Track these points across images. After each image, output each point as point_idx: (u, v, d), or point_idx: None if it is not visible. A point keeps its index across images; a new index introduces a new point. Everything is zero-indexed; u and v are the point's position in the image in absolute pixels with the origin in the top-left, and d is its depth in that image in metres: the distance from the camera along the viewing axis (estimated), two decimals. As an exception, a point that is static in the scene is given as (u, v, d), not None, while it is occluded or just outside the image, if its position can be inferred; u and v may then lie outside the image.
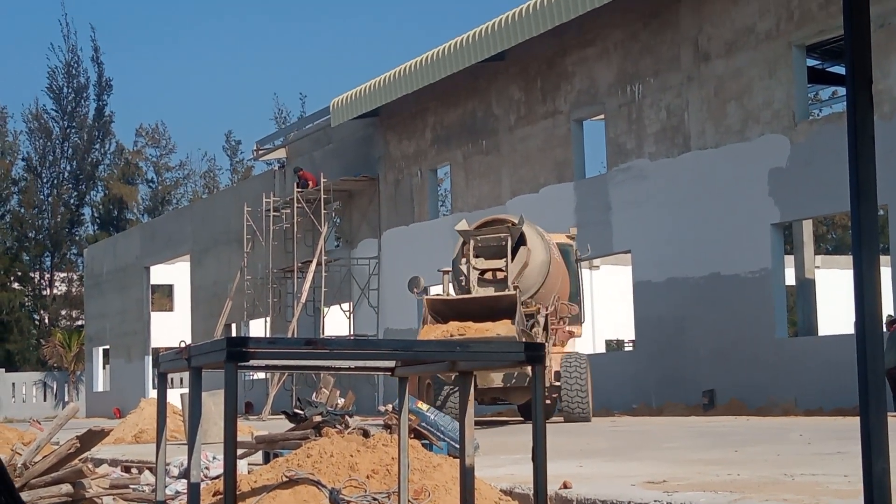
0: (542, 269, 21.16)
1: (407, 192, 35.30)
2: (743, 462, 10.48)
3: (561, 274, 22.13)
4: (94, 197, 72.89)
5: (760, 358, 23.56)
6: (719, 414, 22.80)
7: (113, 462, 14.57)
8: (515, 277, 20.47)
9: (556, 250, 22.09)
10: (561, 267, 22.15)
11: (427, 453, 8.82)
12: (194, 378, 5.96)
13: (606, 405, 25.76)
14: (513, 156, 31.13)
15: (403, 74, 32.87)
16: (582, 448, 13.76)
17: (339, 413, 13.02)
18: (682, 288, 25.64)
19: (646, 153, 26.88)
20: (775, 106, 23.81)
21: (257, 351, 5.22)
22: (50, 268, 71.09)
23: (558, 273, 21.90)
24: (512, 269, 20.52)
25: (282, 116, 74.21)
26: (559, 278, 21.97)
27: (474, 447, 6.63)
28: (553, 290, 21.63)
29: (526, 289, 20.70)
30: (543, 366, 5.80)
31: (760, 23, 24.21)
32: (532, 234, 21.37)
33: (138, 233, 55.32)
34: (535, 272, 20.98)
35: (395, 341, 6.38)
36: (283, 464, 8.39)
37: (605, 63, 28.17)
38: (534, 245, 21.17)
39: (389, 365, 6.57)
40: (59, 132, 71.70)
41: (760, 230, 23.90)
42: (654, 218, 26.36)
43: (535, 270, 21.02)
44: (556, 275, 21.74)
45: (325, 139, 39.70)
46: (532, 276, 20.93)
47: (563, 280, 22.47)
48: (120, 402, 47.84)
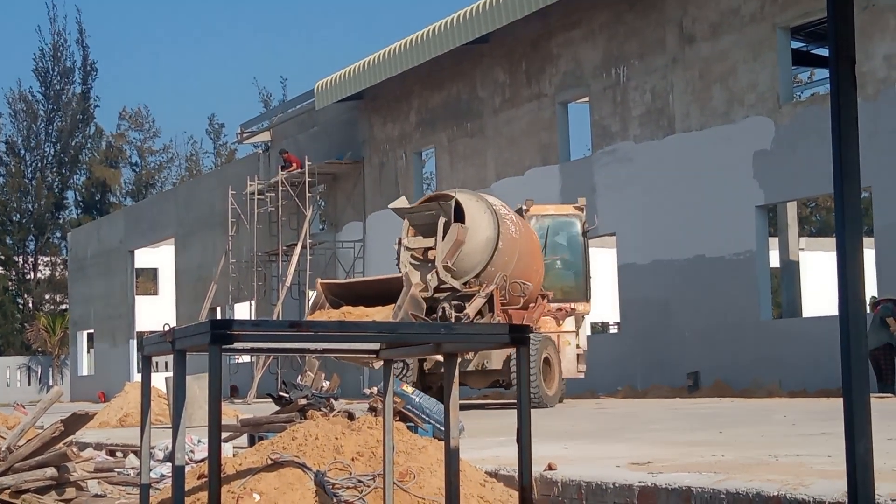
0: (487, 246, 19.88)
1: (392, 175, 35.27)
2: (727, 443, 10.50)
3: (520, 250, 20.51)
4: (78, 181, 72.68)
5: (745, 340, 23.64)
6: (704, 395, 22.88)
7: (98, 446, 14.54)
8: (446, 257, 19.40)
9: (516, 225, 20.61)
10: (519, 243, 20.50)
11: (412, 436, 8.82)
12: (178, 361, 5.95)
13: (591, 387, 25.80)
14: (498, 139, 31.11)
15: (388, 57, 32.81)
16: (567, 430, 13.78)
17: (325, 396, 13.03)
18: (666, 270, 25.69)
19: (631, 136, 26.90)
20: (760, 88, 23.84)
21: (242, 333, 5.22)
22: (34, 251, 70.90)
23: (512, 249, 20.28)
24: (441, 247, 19.43)
25: (268, 100, 73.98)
26: (514, 255, 20.32)
27: (459, 429, 6.64)
28: (506, 268, 20.11)
29: (467, 268, 19.65)
30: (528, 347, 5.80)
31: (745, 5, 24.21)
32: (475, 209, 20.10)
33: (122, 216, 55.17)
34: (477, 250, 19.79)
35: (379, 323, 6.39)
36: (268, 447, 8.38)
37: (590, 45, 28.15)
38: (475, 221, 19.88)
39: (374, 347, 6.58)
40: (43, 115, 71.43)
41: (745, 212, 23.95)
42: (639, 200, 26.39)
43: (478, 248, 19.82)
44: (509, 251, 20.21)
45: (309, 122, 39.63)
46: (474, 254, 19.77)
47: (527, 256, 20.80)
48: (105, 386, 47.78)
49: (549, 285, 22.07)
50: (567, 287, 22.68)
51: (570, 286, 22.78)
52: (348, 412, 11.33)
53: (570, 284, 22.81)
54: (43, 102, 71.47)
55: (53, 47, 70.89)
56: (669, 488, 7.50)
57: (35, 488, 9.29)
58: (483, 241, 19.89)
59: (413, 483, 7.79)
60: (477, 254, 19.82)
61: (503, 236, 20.03)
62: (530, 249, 21.06)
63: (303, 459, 7.94)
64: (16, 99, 71.52)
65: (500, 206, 20.55)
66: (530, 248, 21.08)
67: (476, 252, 19.81)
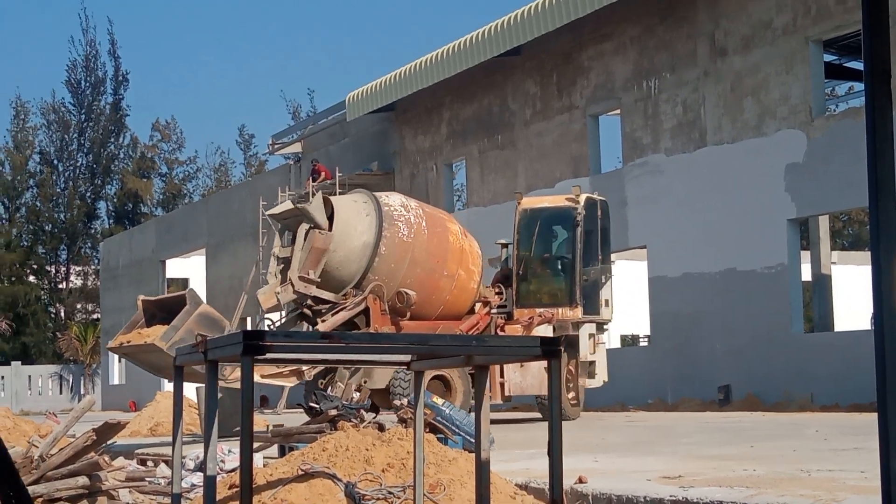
0: (365, 252, 18.21)
1: (422, 187, 35.31)
2: (759, 458, 10.46)
3: (413, 255, 18.62)
4: (110, 190, 73.08)
5: (776, 353, 23.52)
6: (735, 409, 22.77)
7: (129, 455, 14.60)
8: (306, 266, 17.81)
9: (414, 227, 18.72)
10: (413, 246, 18.63)
11: (442, 447, 8.82)
12: (210, 371, 5.98)
13: (621, 400, 25.75)
14: (528, 151, 31.11)
15: (419, 69, 32.88)
16: (597, 443, 13.76)
17: (355, 407, 13.03)
18: (697, 283, 25.60)
19: (662, 148, 26.84)
20: (792, 101, 23.75)
21: (274, 345, 5.24)
22: (66, 261, 71.27)
23: (401, 255, 18.47)
24: (297, 256, 17.86)
25: (298, 111, 74.21)
26: (403, 261, 18.51)
27: (490, 442, 6.64)
28: (393, 275, 18.34)
29: (345, 277, 18.14)
30: (559, 360, 5.79)
31: (777, 18, 24.14)
32: (350, 212, 18.46)
33: (154, 226, 55.44)
34: (352, 258, 18.21)
35: (411, 335, 6.39)
36: (298, 457, 8.40)
37: (621, 58, 28.13)
38: (348, 226, 18.26)
39: (405, 359, 6.58)
40: (76, 125, 71.85)
41: (777, 226, 23.85)
42: (670, 213, 26.32)
43: (354, 255, 18.22)
44: (397, 257, 18.45)
45: (340, 133, 39.73)
46: (349, 262, 18.21)
47: (429, 261, 18.84)
48: (135, 395, 47.95)
49: (535, 288, 20.71)
50: (553, 290, 20.84)
51: (557, 289, 20.81)
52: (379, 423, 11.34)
53: (556, 287, 20.87)
54: (75, 113, 71.93)
55: (86, 58, 71.35)
56: (700, 503, 7.47)
57: (67, 497, 9.34)
58: (359, 248, 18.30)
59: (443, 495, 7.79)
60: (353, 262, 18.28)
61: (387, 241, 18.35)
62: (438, 252, 19.02)
63: (333, 470, 7.96)
64: (48, 110, 72.02)
65: (396, 207, 18.84)
66: (438, 251, 19.04)
67: (352, 260, 18.28)
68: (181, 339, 16.16)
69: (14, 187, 70.20)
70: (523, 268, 20.84)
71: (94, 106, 71.74)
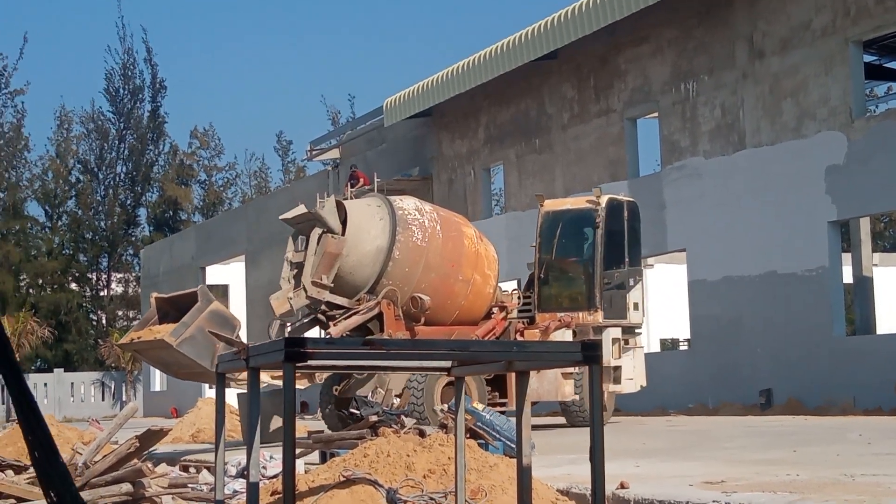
0: (378, 257, 17.94)
1: (460, 192, 35.32)
2: (802, 462, 10.39)
3: (427, 259, 18.31)
4: (150, 198, 73.52)
5: (818, 357, 23.36)
6: (776, 413, 22.64)
7: (171, 461, 14.68)
8: (319, 271, 17.58)
9: (428, 231, 18.44)
10: (427, 251, 18.33)
11: (483, 453, 8.83)
12: (252, 378, 6.01)
13: (661, 404, 25.65)
14: (566, 154, 31.07)
15: (456, 74, 32.90)
16: (638, 448, 13.71)
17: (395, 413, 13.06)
18: (737, 286, 25.47)
19: (700, 151, 26.74)
20: (832, 103, 23.60)
21: (315, 351, 5.25)
22: (107, 268, 71.74)
23: (415, 259, 18.17)
24: (310, 261, 17.61)
25: (337, 117, 74.39)
26: (418, 265, 18.19)
27: (531, 447, 6.63)
28: (408, 280, 18.04)
29: (358, 282, 17.88)
30: (600, 365, 5.78)
31: (816, 19, 24.00)
32: (364, 216, 18.22)
33: (193, 233, 55.71)
34: (366, 262, 17.94)
35: (451, 341, 6.39)
36: (339, 463, 8.43)
37: (658, 61, 28.04)
38: (361, 230, 18.02)
39: (446, 365, 6.59)
40: (115, 134, 72.34)
41: (817, 228, 23.70)
42: (710, 216, 26.21)
43: (367, 260, 17.94)
44: (411, 261, 18.13)
45: (378, 139, 39.80)
46: (363, 267, 17.93)
47: (443, 265, 18.52)
48: (177, 402, 48.21)
49: (556, 292, 20.51)
50: (574, 294, 20.53)
51: (577, 293, 20.47)
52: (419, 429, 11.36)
53: (577, 291, 20.53)
54: (114, 121, 72.42)
55: (123, 67, 71.80)
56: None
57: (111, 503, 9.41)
58: (373, 252, 18.00)
59: (485, 501, 7.79)
60: (367, 266, 17.98)
61: (401, 245, 18.04)
62: (452, 257, 18.71)
63: (375, 476, 7.98)
64: (87, 119, 72.54)
65: (410, 211, 18.53)
66: (453, 256, 18.72)
67: (366, 264, 17.98)
68: (191, 335, 16.10)
69: (56, 196, 70.76)
70: (545, 271, 20.64)
71: (133, 114, 72.20)
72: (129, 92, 71.99)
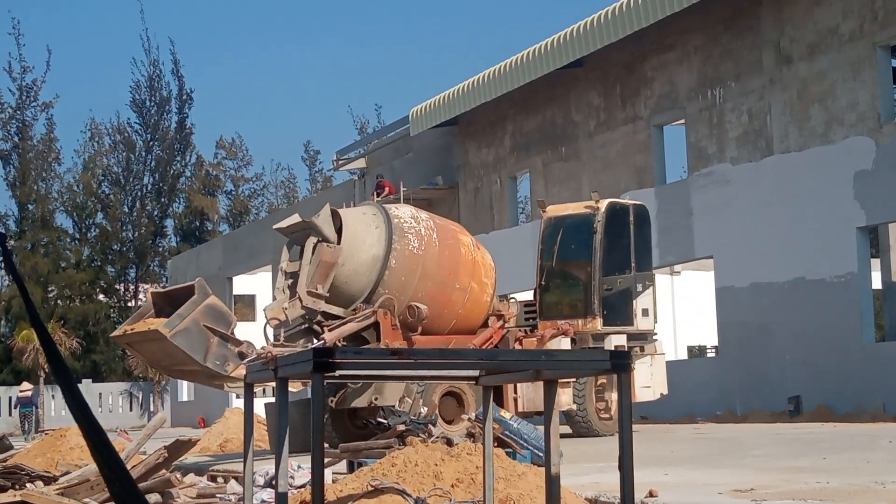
0: (374, 265, 17.67)
1: (487, 200, 35.32)
2: (832, 470, 10.33)
3: (424, 268, 18.04)
4: (176, 209, 73.79)
5: (847, 363, 23.23)
6: (806, 420, 22.51)
7: (199, 471, 14.72)
8: (315, 281, 17.29)
9: (425, 239, 18.14)
10: (423, 259, 18.06)
11: (511, 462, 8.81)
12: (281, 389, 6.01)
13: (689, 412, 25.56)
14: (593, 162, 31.02)
15: (482, 82, 32.90)
16: (666, 455, 13.65)
17: (423, 422, 13.04)
18: (766, 293, 25.36)
19: (727, 157, 26.65)
20: (860, 108, 23.49)
21: (344, 361, 5.25)
22: (135, 279, 72.03)
23: (411, 268, 17.91)
24: (305, 271, 17.34)
25: (364, 127, 74.51)
26: (414, 274, 17.93)
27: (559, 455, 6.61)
28: (404, 289, 17.77)
29: (354, 292, 17.62)
30: (629, 374, 5.76)
31: (844, 24, 23.90)
32: (359, 225, 17.97)
33: (220, 244, 55.88)
34: (362, 271, 17.67)
35: (479, 350, 6.39)
36: (367, 473, 8.43)
37: (685, 67, 27.97)
38: (356, 239, 17.76)
39: (474, 374, 6.58)
40: (142, 145, 72.68)
41: (846, 234, 23.57)
42: (737, 223, 26.11)
43: (363, 269, 17.67)
44: (407, 270, 17.88)
45: (404, 148, 39.83)
46: (359, 276, 17.66)
47: (439, 274, 18.22)
48: (204, 412, 48.35)
49: (556, 300, 20.27)
50: (574, 301, 20.23)
51: (577, 300, 20.18)
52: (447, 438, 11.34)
53: (576, 298, 20.22)
54: (140, 133, 72.75)
55: (149, 79, 72.12)
56: (774, 516, 7.39)
57: (140, 514, 9.43)
58: (368, 261, 17.74)
59: (513, 510, 7.77)
60: (362, 275, 17.71)
61: (397, 253, 17.79)
62: (449, 265, 18.39)
63: (403, 486, 7.97)
64: (114, 130, 72.90)
65: (406, 219, 18.32)
66: (450, 264, 18.40)
67: (362, 273, 17.71)
68: (186, 327, 15.87)
69: (84, 208, 71.14)
70: (546, 279, 20.46)
71: (160, 125, 72.52)
72: (155, 104, 72.33)
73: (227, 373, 16.27)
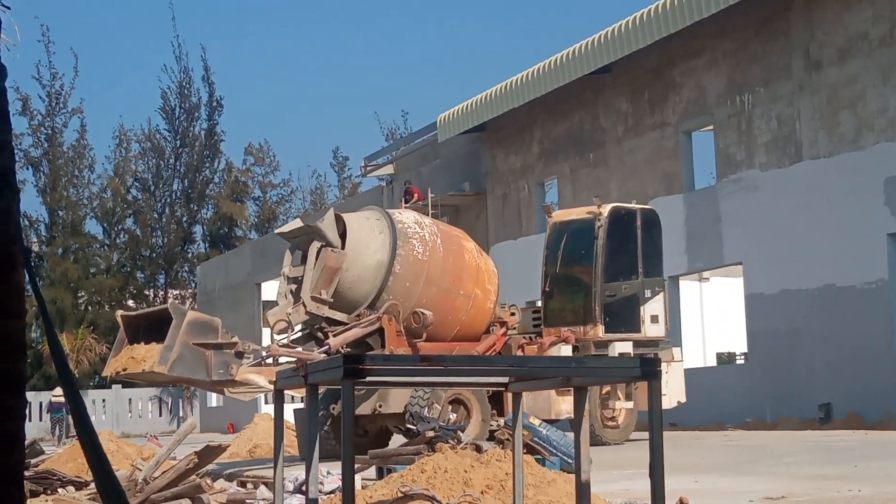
0: (378, 271, 17.46)
1: (514, 207, 35.31)
2: (864, 477, 10.27)
3: (428, 273, 17.84)
4: (205, 215, 74.05)
5: (878, 370, 23.10)
6: (836, 428, 22.39)
7: (229, 477, 14.76)
8: (319, 286, 17.07)
9: (429, 244, 17.96)
10: (427, 265, 17.84)
11: (540, 469, 8.81)
12: (311, 395, 6.03)
13: (718, 419, 25.47)
14: (621, 168, 30.97)
15: (510, 89, 32.91)
16: (696, 463, 13.61)
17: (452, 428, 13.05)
18: (795, 300, 25.25)
19: (756, 164, 26.56)
20: (890, 113, 23.37)
21: (373, 368, 5.27)
22: (164, 285, 72.34)
23: (416, 274, 17.70)
24: (310, 276, 17.10)
25: (394, 133, 74.60)
26: (419, 280, 17.73)
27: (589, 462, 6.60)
28: (408, 295, 17.56)
29: (358, 297, 17.40)
30: (658, 381, 5.75)
31: (874, 29, 23.79)
32: (363, 229, 17.77)
33: (249, 250, 56.05)
34: (366, 277, 17.49)
35: (509, 357, 6.39)
36: (397, 479, 8.44)
37: (713, 73, 27.91)
38: (360, 244, 17.57)
39: (503, 381, 6.58)
40: (171, 152, 72.99)
41: (876, 240, 23.46)
42: (766, 229, 26.02)
43: (367, 274, 17.49)
44: (412, 276, 17.68)
45: (432, 154, 39.88)
46: (363, 281, 17.47)
47: (444, 280, 18.06)
48: (233, 418, 48.49)
49: (559, 306, 20.07)
50: (576, 307, 20.03)
51: (579, 307, 19.98)
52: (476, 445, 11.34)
53: (578, 304, 20.03)
54: (170, 139, 73.08)
55: (179, 85, 72.40)
56: (805, 524, 7.36)
57: (170, 519, 9.48)
58: (373, 266, 17.50)
59: (543, 517, 7.76)
60: (367, 281, 17.49)
61: (402, 259, 17.58)
62: (454, 271, 18.23)
63: (432, 492, 7.97)
64: (144, 137, 73.25)
65: (410, 224, 18.14)
66: (454, 270, 18.24)
67: (366, 279, 17.50)
68: (179, 354, 15.65)
69: (114, 214, 71.50)
70: (550, 285, 20.29)
71: (189, 132, 72.82)
72: (185, 111, 72.63)
73: (233, 376, 16.22)
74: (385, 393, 16.88)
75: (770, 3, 25.93)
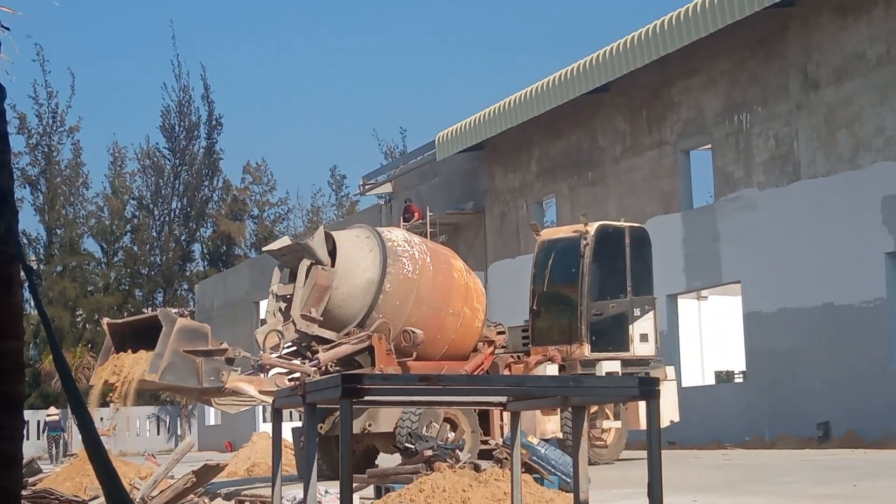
0: (369, 289, 17.37)
1: (513, 225, 35.33)
2: (863, 497, 10.26)
3: (418, 292, 17.77)
4: (204, 233, 74.10)
5: (876, 389, 23.09)
6: (835, 447, 22.38)
7: (227, 496, 14.73)
8: (308, 304, 16.97)
9: (419, 263, 17.90)
10: (418, 283, 17.79)
11: (539, 488, 8.80)
12: (309, 414, 6.02)
13: (717, 437, 25.43)
14: (619, 187, 31.00)
15: (508, 108, 32.97)
16: (695, 482, 13.59)
17: (450, 447, 13.03)
18: (794, 319, 25.25)
19: (754, 182, 26.59)
20: (888, 133, 23.41)
21: (372, 387, 5.27)
22: (162, 303, 72.31)
23: (406, 292, 17.63)
24: (299, 294, 16.97)
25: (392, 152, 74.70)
26: (409, 298, 17.65)
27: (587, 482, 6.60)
28: (398, 313, 17.50)
29: (347, 316, 17.34)
30: (657, 400, 5.75)
31: (871, 49, 23.85)
32: (353, 247, 17.71)
33: (247, 268, 56.07)
34: (356, 295, 17.40)
35: (508, 377, 6.40)
36: (395, 498, 8.43)
37: (711, 92, 27.96)
38: (350, 262, 17.47)
39: (502, 400, 6.58)
40: (170, 170, 73.06)
41: (874, 259, 23.47)
42: (764, 248, 26.03)
43: (357, 292, 17.39)
44: (402, 294, 17.61)
45: (430, 173, 39.92)
46: (353, 299, 17.39)
47: (434, 298, 18.00)
48: (231, 436, 48.43)
49: (546, 325, 19.95)
50: (563, 326, 19.85)
51: (565, 325, 19.81)
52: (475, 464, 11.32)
53: (564, 323, 19.86)
54: (169, 158, 73.13)
55: (179, 104, 72.52)
56: (804, 543, 7.35)
57: (168, 538, 9.46)
58: (363, 284, 17.42)
59: (541, 536, 7.75)
60: (357, 299, 17.42)
61: (392, 277, 17.51)
62: (443, 289, 18.18)
63: (431, 512, 7.96)
64: (143, 155, 73.31)
65: (400, 242, 18.08)
66: (443, 289, 18.20)
67: (356, 297, 17.42)
68: (170, 362, 15.52)
69: (112, 232, 71.52)
70: (537, 303, 20.12)
71: (188, 150, 72.89)
72: (184, 129, 72.73)
73: (224, 383, 16.11)
74: (375, 412, 16.77)
75: (767, 23, 25.99)
